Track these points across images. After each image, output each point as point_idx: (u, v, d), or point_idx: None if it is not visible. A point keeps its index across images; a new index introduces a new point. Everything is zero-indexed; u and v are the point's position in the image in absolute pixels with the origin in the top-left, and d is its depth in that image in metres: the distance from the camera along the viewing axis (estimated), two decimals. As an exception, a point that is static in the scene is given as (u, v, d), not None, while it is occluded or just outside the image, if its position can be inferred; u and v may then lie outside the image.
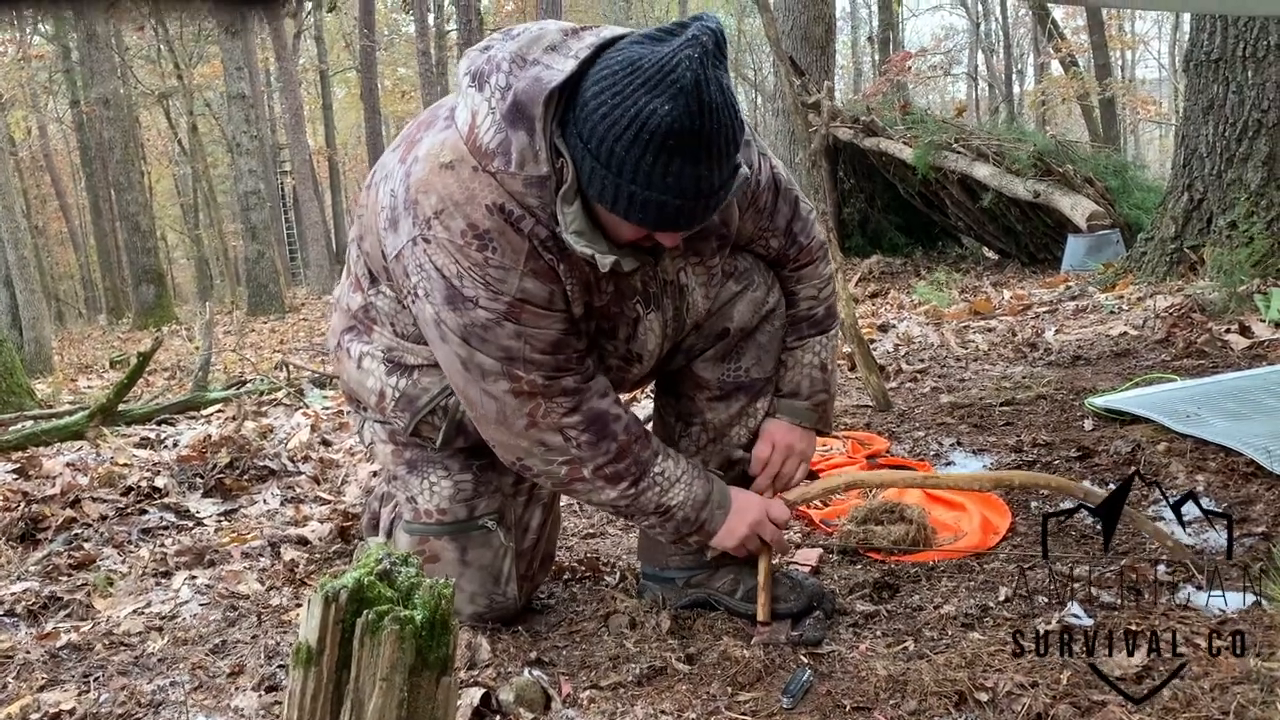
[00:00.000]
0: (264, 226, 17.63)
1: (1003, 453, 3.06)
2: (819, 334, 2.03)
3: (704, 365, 1.98)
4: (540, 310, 1.68)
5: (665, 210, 1.54)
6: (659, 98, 1.45)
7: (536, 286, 1.66)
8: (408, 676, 1.08)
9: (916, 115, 10.00)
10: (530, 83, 1.55)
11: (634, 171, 1.50)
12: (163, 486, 3.38)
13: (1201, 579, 1.99)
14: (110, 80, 17.84)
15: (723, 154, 1.53)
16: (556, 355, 1.72)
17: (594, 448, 1.77)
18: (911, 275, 9.16)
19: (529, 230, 1.63)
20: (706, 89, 1.45)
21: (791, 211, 1.95)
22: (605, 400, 1.79)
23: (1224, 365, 3.89)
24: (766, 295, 1.96)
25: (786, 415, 2.02)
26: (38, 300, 11.61)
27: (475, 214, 1.61)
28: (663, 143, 1.47)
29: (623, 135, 1.48)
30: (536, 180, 1.59)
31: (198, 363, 6.16)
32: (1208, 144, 5.84)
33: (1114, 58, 24.66)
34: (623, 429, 1.79)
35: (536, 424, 1.74)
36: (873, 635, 1.94)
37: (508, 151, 1.58)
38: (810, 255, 1.99)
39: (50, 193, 31.37)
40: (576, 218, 1.59)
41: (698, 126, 1.47)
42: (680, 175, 1.50)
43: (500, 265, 1.63)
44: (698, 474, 1.88)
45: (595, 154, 1.52)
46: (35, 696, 1.94)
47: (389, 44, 30.78)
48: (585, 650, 1.96)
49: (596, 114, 1.49)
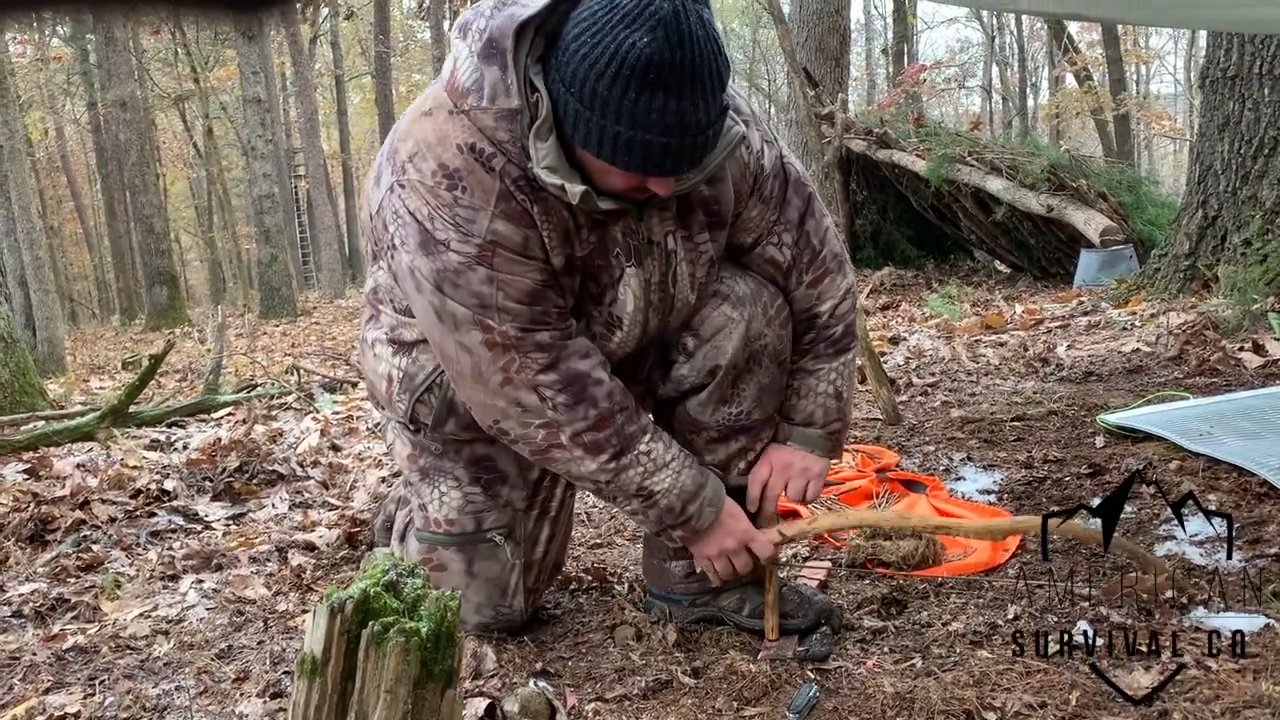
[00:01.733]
0: (277, 230, 17.67)
1: (1013, 469, 3.04)
2: (836, 356, 1.95)
3: (700, 408, 1.91)
4: (513, 255, 1.63)
5: (651, 149, 1.50)
6: (637, 31, 1.43)
7: (509, 229, 1.62)
8: (412, 689, 1.08)
9: (930, 128, 9.98)
10: (504, 19, 1.55)
11: (617, 110, 1.47)
12: (172, 489, 3.39)
13: (1214, 599, 1.98)
14: (127, 83, 17.93)
15: (706, 88, 1.49)
16: (532, 307, 1.66)
17: (570, 410, 1.70)
18: (923, 288, 9.13)
19: (500, 169, 1.60)
20: (685, 20, 1.43)
21: (805, 207, 1.88)
22: (586, 361, 1.72)
23: (1237, 384, 3.87)
24: (764, 329, 1.88)
25: (798, 443, 1.96)
26: (52, 300, 11.65)
27: (446, 154, 1.60)
28: (644, 76, 1.44)
29: (605, 73, 1.45)
30: (507, 113, 1.56)
31: (209, 366, 6.17)
32: (1223, 161, 5.81)
33: (1129, 72, 24.61)
34: (604, 395, 1.72)
35: (511, 380, 1.69)
36: (880, 651, 1.93)
37: (481, 87, 1.56)
38: (825, 266, 1.91)
39: (66, 194, 31.57)
40: (550, 153, 1.55)
41: (678, 58, 1.44)
42: (664, 110, 1.47)
43: (470, 205, 1.60)
44: (690, 463, 1.82)
45: (579, 96, 1.49)
46: (41, 699, 1.94)
47: (404, 50, 30.92)
48: (591, 662, 1.96)
49: (577, 55, 1.48)
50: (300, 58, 21.38)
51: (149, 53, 23.94)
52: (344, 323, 13.83)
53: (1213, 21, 4.88)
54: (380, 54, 23.09)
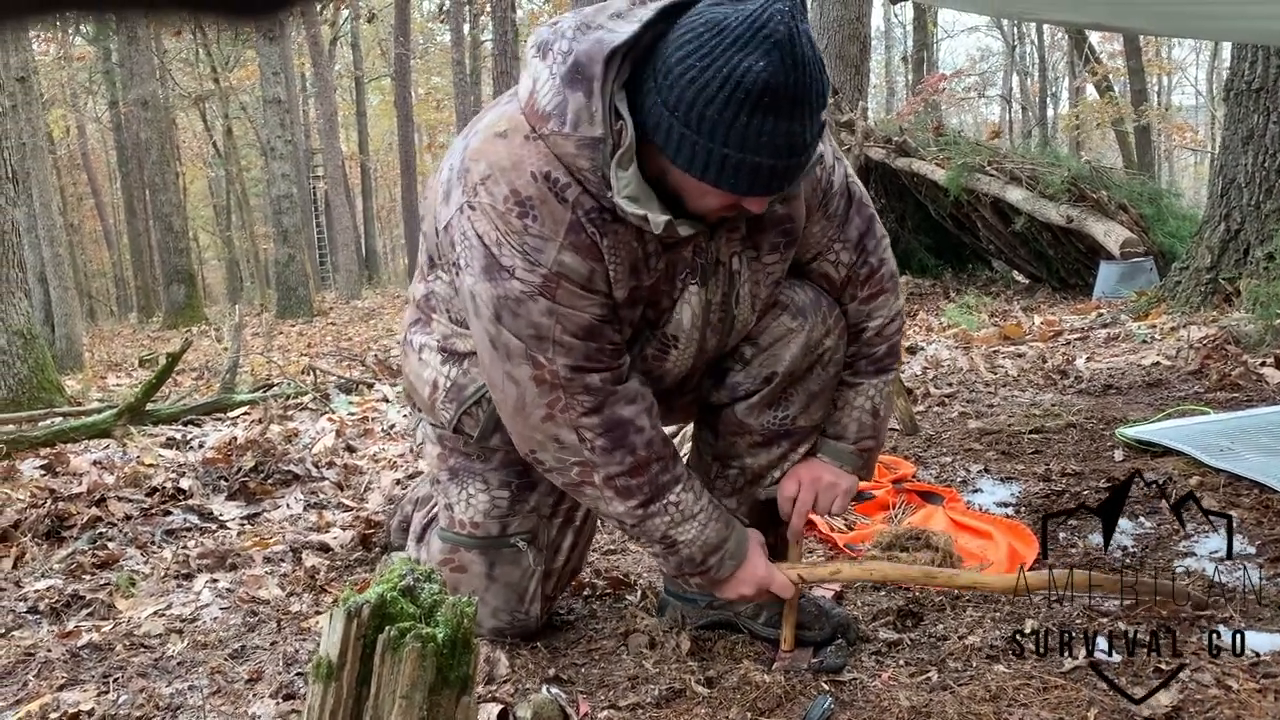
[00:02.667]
0: (295, 230, 17.75)
1: (1031, 481, 3.02)
2: (877, 374, 1.93)
3: (748, 411, 1.89)
4: (577, 289, 1.62)
5: (759, 172, 1.48)
6: (752, 55, 1.40)
7: (576, 261, 1.60)
8: (428, 695, 1.07)
9: (949, 136, 9.96)
10: (592, 44, 1.52)
11: (727, 133, 1.45)
12: (187, 488, 3.40)
13: (1236, 619, 1.95)
14: (149, 82, 18.05)
15: (815, 109, 1.48)
16: (588, 343, 1.65)
17: (608, 454, 1.70)
18: (941, 297, 9.10)
19: (574, 199, 1.58)
20: (800, 42, 1.41)
21: (866, 226, 1.87)
22: (631, 408, 1.71)
23: (1259, 399, 3.84)
24: (824, 338, 1.86)
25: (828, 456, 1.94)
26: (70, 297, 11.74)
27: (520, 180, 1.58)
28: (759, 100, 1.42)
29: (715, 97, 1.43)
30: (590, 142, 1.53)
31: (226, 365, 6.20)
32: (1246, 174, 5.77)
33: (1150, 83, 24.49)
34: (644, 443, 1.71)
35: (554, 418, 1.68)
36: (895, 664, 1.92)
37: (564, 113, 1.54)
38: (881, 284, 1.89)
39: (86, 191, 31.80)
40: (631, 181, 1.53)
41: (793, 81, 1.42)
42: (775, 133, 1.45)
43: (539, 235, 1.58)
44: (717, 516, 1.80)
45: (685, 120, 1.47)
46: (55, 695, 1.94)
47: (424, 53, 31.02)
48: (604, 669, 1.95)
49: (684, 78, 1.45)
50: (320, 59, 21.49)
51: (170, 53, 24.10)
52: (360, 323, 13.88)
53: (1237, 33, 4.85)
54: (400, 56, 23.18)
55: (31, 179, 11.75)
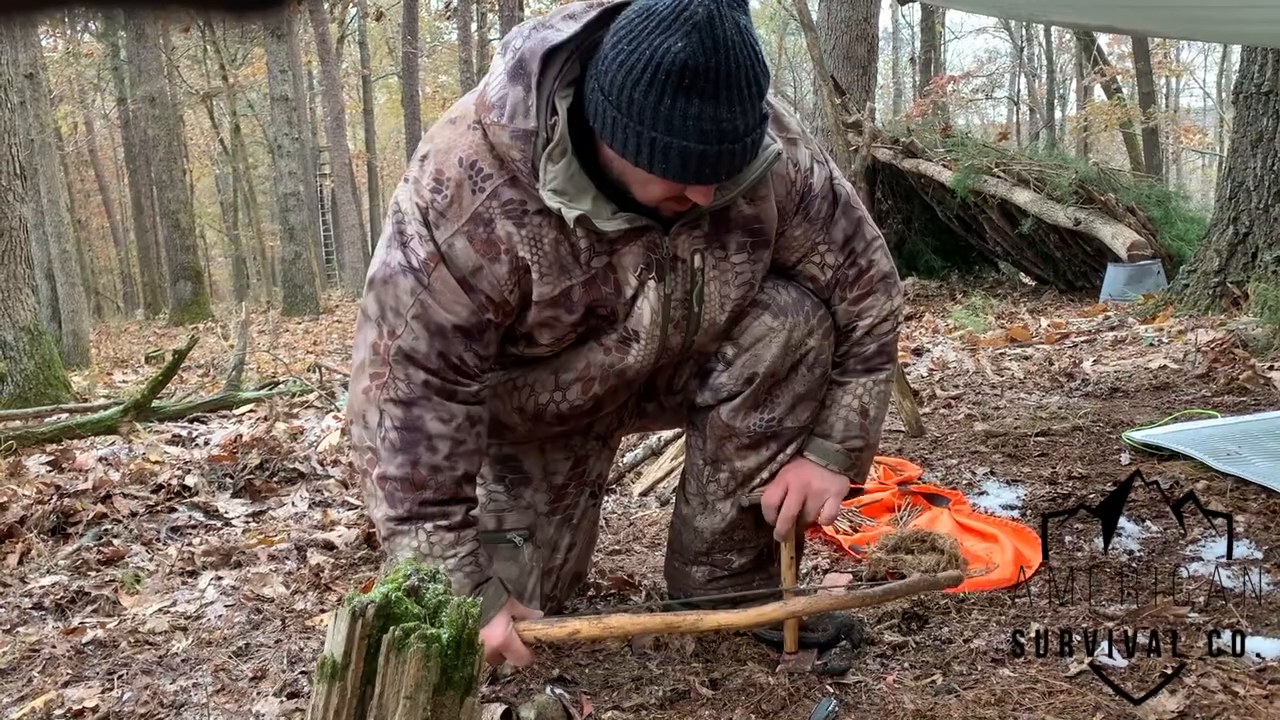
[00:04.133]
0: (302, 228, 17.78)
1: (1037, 484, 3.01)
2: (866, 374, 1.90)
3: (733, 414, 1.88)
4: (454, 283, 1.62)
5: (688, 157, 1.48)
6: (672, 35, 1.41)
7: (465, 251, 1.62)
8: (432, 695, 1.07)
9: (957, 138, 9.93)
10: (536, 42, 1.56)
11: (653, 116, 1.46)
12: (193, 485, 3.41)
13: (1242, 624, 1.94)
14: (157, 79, 18.07)
15: (743, 94, 1.46)
16: (433, 339, 1.64)
17: (393, 452, 1.67)
18: (947, 299, 9.09)
19: (490, 190, 1.61)
20: (720, 25, 1.41)
21: (852, 229, 1.85)
22: (438, 425, 1.67)
23: (1266, 403, 3.82)
24: (806, 337, 1.84)
25: (814, 455, 1.92)
26: (78, 294, 11.77)
27: (447, 162, 1.63)
28: (679, 81, 1.42)
29: (641, 79, 1.44)
30: (522, 134, 1.57)
31: (232, 362, 6.21)
32: (1255, 177, 5.76)
33: (1159, 85, 24.43)
34: (428, 465, 1.67)
35: (370, 391, 1.68)
36: (900, 667, 1.91)
37: (504, 105, 1.58)
38: (869, 284, 1.87)
39: (94, 188, 31.87)
40: (558, 176, 1.56)
41: (713, 63, 1.42)
42: (700, 117, 1.45)
43: (441, 212, 1.62)
44: (468, 570, 1.71)
45: (615, 103, 1.48)
46: (60, 692, 1.95)
47: (431, 51, 31.04)
48: (608, 670, 1.94)
49: (615, 62, 1.47)
50: (328, 57, 21.50)
51: (178, 50, 24.13)
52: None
53: (1246, 36, 4.83)
54: (407, 54, 23.20)
55: (39, 175, 11.78)
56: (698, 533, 2.01)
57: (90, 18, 15.20)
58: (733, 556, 2.03)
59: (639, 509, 3.07)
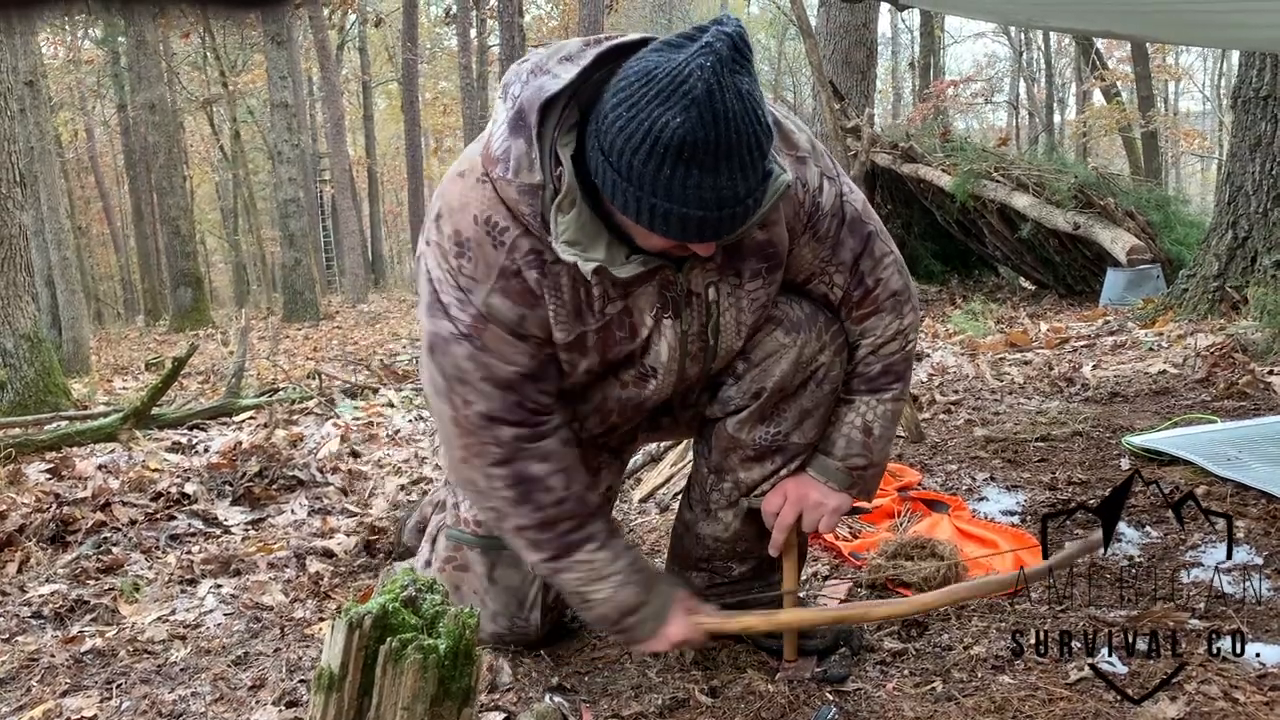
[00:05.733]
0: (302, 234, 17.76)
1: (1037, 490, 3.01)
2: (870, 393, 1.88)
3: (739, 426, 1.88)
4: (505, 334, 1.64)
5: (688, 222, 1.47)
6: (670, 110, 1.40)
7: (505, 306, 1.63)
8: (429, 706, 1.07)
9: (956, 142, 9.94)
10: (533, 92, 1.54)
11: (653, 184, 1.45)
12: (192, 493, 3.40)
13: (1242, 629, 1.94)
14: (157, 86, 18.09)
15: (744, 162, 1.45)
16: (506, 394, 1.67)
17: (515, 506, 1.72)
18: (947, 304, 9.09)
19: (510, 243, 1.60)
20: (720, 98, 1.39)
21: (861, 247, 1.81)
22: (542, 466, 1.71)
23: (1266, 408, 3.82)
24: (817, 354, 1.84)
25: (815, 471, 1.91)
26: (78, 300, 11.77)
27: (463, 221, 1.61)
28: (677, 155, 1.41)
29: (639, 148, 1.43)
30: (529, 189, 1.56)
31: (232, 369, 6.20)
32: (1254, 181, 5.76)
33: (1158, 89, 24.45)
34: (552, 502, 1.72)
35: (468, 461, 1.72)
36: (900, 674, 1.91)
37: (508, 159, 1.56)
38: (875, 303, 1.84)
39: (94, 194, 31.89)
40: (569, 227, 1.54)
41: (712, 138, 1.40)
42: (700, 186, 1.44)
43: (472, 275, 1.62)
44: (635, 579, 1.77)
45: (615, 167, 1.47)
46: (58, 701, 1.94)
47: (431, 57, 31.07)
48: (607, 678, 1.94)
49: (614, 126, 1.45)
50: (328, 63, 21.52)
51: (179, 56, 24.15)
52: (366, 327, 13.89)
53: (1244, 41, 4.84)
54: (407, 60, 23.23)
55: (39, 182, 11.78)
56: (699, 539, 2.02)
57: (89, 23, 15.19)
58: (733, 565, 2.03)
59: (638, 515, 3.07)
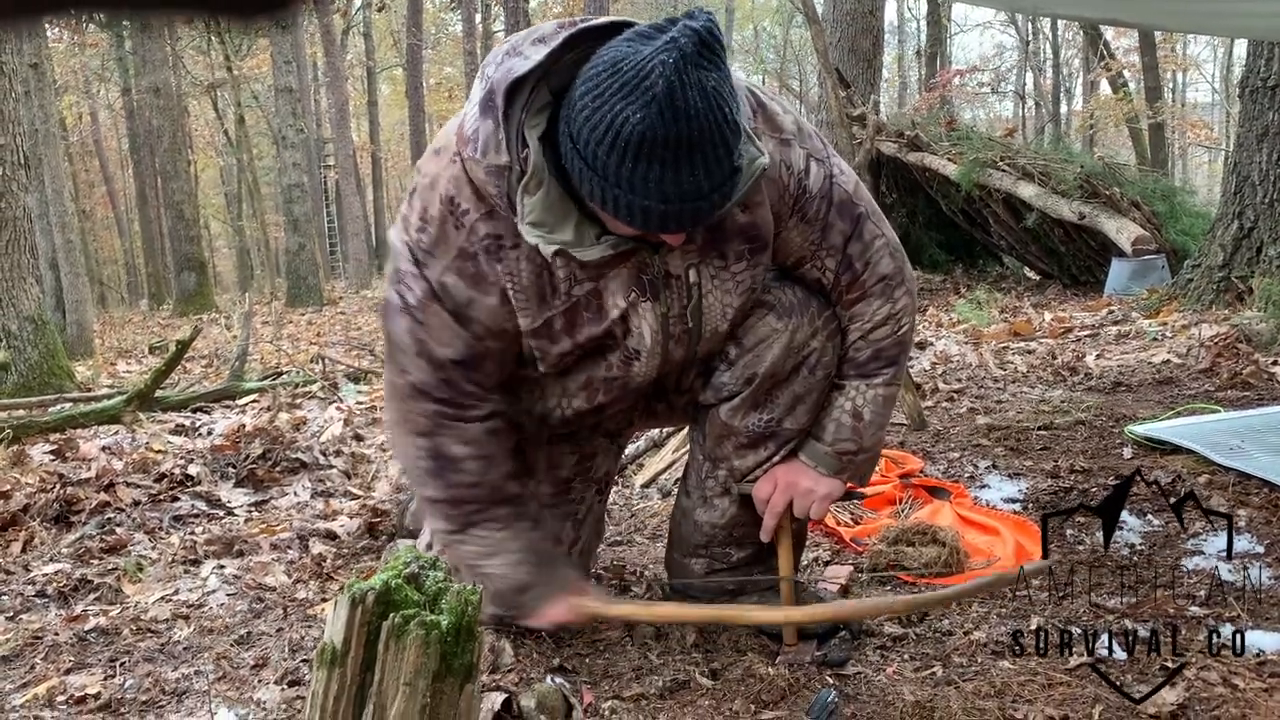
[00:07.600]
0: (305, 219, 17.76)
1: (1039, 478, 3.01)
2: (860, 379, 1.87)
3: (732, 413, 1.89)
4: (448, 318, 1.67)
5: (650, 214, 1.47)
6: (631, 105, 1.39)
7: (458, 286, 1.65)
8: (431, 682, 1.07)
9: (962, 131, 9.90)
10: (503, 73, 1.54)
11: (615, 176, 1.45)
12: (196, 474, 3.41)
13: (1243, 618, 1.94)
14: (161, 70, 18.05)
15: (706, 157, 1.44)
16: (436, 372, 1.71)
17: (429, 477, 1.79)
18: (951, 293, 9.07)
19: (469, 226, 1.62)
20: (682, 94, 1.38)
21: (851, 230, 1.78)
22: (461, 448, 1.76)
23: (1269, 398, 3.82)
24: (809, 339, 1.84)
25: (806, 456, 1.91)
26: (82, 284, 11.78)
27: (431, 199, 1.64)
28: (638, 151, 1.41)
29: (603, 140, 1.43)
30: (496, 169, 1.56)
31: (235, 352, 6.21)
32: (1260, 171, 5.74)
33: (1165, 80, 24.34)
34: (465, 484, 1.78)
35: (398, 424, 1.80)
36: (900, 659, 1.91)
37: (478, 139, 1.57)
38: (862, 288, 1.82)
39: (98, 178, 31.89)
40: (536, 208, 1.55)
41: (672, 134, 1.39)
42: (661, 181, 1.43)
43: (429, 250, 1.65)
44: (530, 559, 1.82)
45: (582, 155, 1.47)
46: (62, 679, 1.95)
47: (436, 43, 31.01)
48: (609, 660, 1.95)
49: (580, 116, 1.45)
50: (332, 48, 21.49)
51: (183, 41, 24.10)
52: (369, 312, 13.89)
53: (1252, 30, 4.82)
54: (412, 46, 23.18)
55: (44, 165, 11.79)
56: (697, 526, 2.02)
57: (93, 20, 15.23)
58: (731, 550, 2.04)
59: (640, 500, 3.07)
